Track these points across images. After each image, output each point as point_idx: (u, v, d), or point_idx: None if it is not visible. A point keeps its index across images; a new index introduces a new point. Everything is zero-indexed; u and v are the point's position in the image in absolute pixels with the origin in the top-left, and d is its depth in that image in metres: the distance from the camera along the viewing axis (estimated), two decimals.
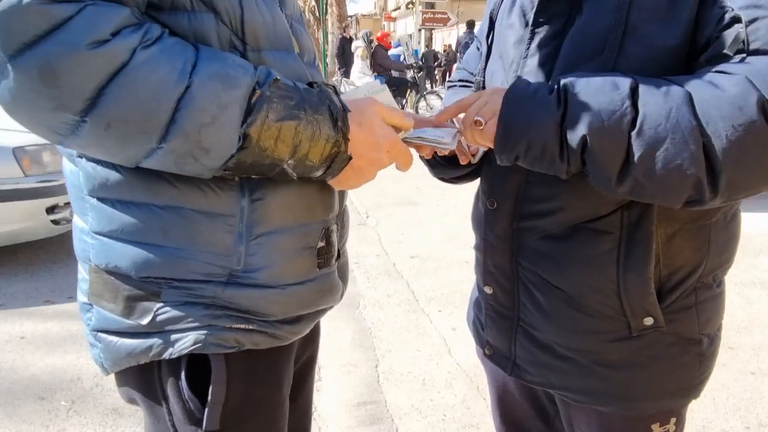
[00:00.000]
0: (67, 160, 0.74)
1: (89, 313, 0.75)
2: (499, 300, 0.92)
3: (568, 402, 0.90)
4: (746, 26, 0.63)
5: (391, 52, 14.76)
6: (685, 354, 0.82)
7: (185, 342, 0.70)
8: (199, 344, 0.70)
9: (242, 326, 0.72)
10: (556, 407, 1.00)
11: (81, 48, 0.54)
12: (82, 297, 0.77)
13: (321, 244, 0.78)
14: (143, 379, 0.75)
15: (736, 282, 3.26)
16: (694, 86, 0.64)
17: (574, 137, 0.68)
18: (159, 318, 0.70)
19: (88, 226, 0.72)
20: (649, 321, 0.79)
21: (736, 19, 0.64)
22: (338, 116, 0.67)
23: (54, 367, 2.35)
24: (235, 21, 0.65)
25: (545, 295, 0.84)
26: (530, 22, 0.82)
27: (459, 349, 2.54)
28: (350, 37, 12.50)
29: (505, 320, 0.92)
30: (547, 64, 0.79)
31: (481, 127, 0.76)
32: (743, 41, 0.63)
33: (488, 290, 0.93)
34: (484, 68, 0.95)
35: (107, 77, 0.55)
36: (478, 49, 1.05)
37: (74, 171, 0.72)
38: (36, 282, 3.23)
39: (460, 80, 1.08)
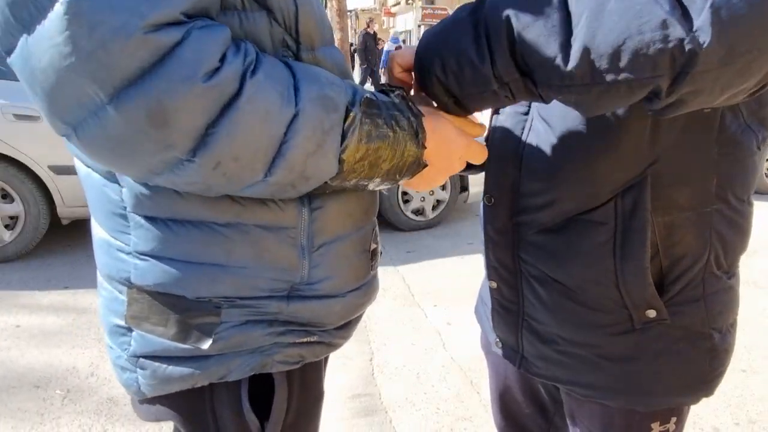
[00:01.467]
0: (98, 174, 0.66)
1: (126, 337, 0.69)
2: (504, 294, 0.92)
3: (572, 395, 0.90)
4: None
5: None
6: (694, 349, 0.80)
7: (251, 363, 0.68)
8: (266, 365, 0.68)
9: (305, 340, 0.71)
10: (555, 404, 1.01)
11: (197, 81, 0.48)
12: (115, 319, 0.69)
13: (373, 246, 0.77)
14: (188, 401, 0.70)
15: None
16: None
17: (494, 23, 0.58)
18: (220, 340, 0.65)
19: (130, 246, 0.65)
20: (651, 313, 0.77)
21: None
22: (417, 127, 0.63)
23: (49, 356, 2.36)
24: (290, 20, 0.60)
25: (546, 288, 0.84)
26: None
27: (453, 344, 2.56)
28: (374, 32, 12.57)
29: (511, 314, 0.92)
30: None
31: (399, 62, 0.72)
32: None
33: (493, 285, 0.94)
34: None
35: (218, 111, 0.50)
36: None
37: (110, 186, 0.64)
38: (33, 271, 3.22)
39: None
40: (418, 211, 4.22)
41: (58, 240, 3.69)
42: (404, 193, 4.14)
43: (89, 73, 0.46)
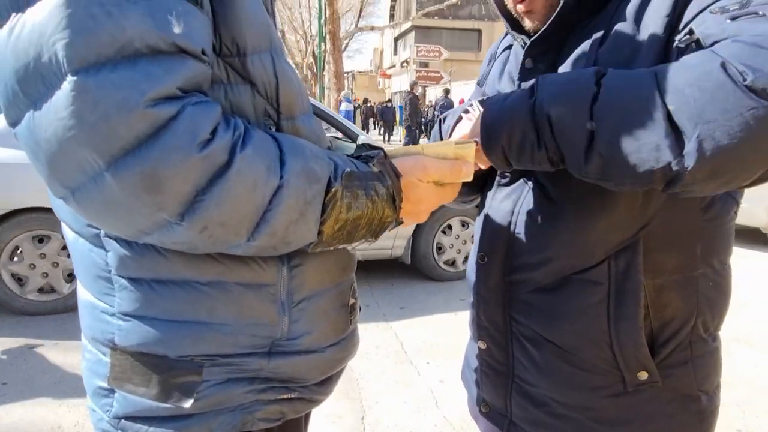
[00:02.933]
0: (84, 239, 0.68)
1: (108, 398, 0.69)
2: (494, 355, 0.92)
3: None
4: (698, 29, 0.65)
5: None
6: (684, 412, 0.81)
7: (232, 422, 0.69)
8: (247, 423, 0.69)
9: (286, 396, 0.72)
10: None
11: (191, 151, 0.51)
12: (97, 381, 0.70)
13: (352, 300, 0.80)
14: None
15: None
16: (660, 67, 0.64)
17: (541, 117, 0.69)
18: (202, 399, 0.66)
19: (114, 307, 0.67)
20: (643, 375, 0.78)
21: (691, 32, 0.67)
22: (395, 192, 0.67)
23: (34, 413, 2.32)
24: (271, 91, 0.65)
25: (539, 349, 0.85)
26: (515, 82, 0.89)
27: (446, 402, 2.53)
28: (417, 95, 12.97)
29: (500, 376, 0.92)
30: None
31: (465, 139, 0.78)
32: (698, 41, 0.65)
33: (482, 345, 0.94)
34: None
35: (208, 180, 0.53)
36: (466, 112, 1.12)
37: (96, 251, 0.67)
38: (23, 327, 3.20)
39: None
40: (451, 263, 4.37)
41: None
42: (439, 248, 4.30)
43: (90, 144, 0.50)
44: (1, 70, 0.52)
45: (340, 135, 3.94)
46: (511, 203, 0.87)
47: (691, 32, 0.66)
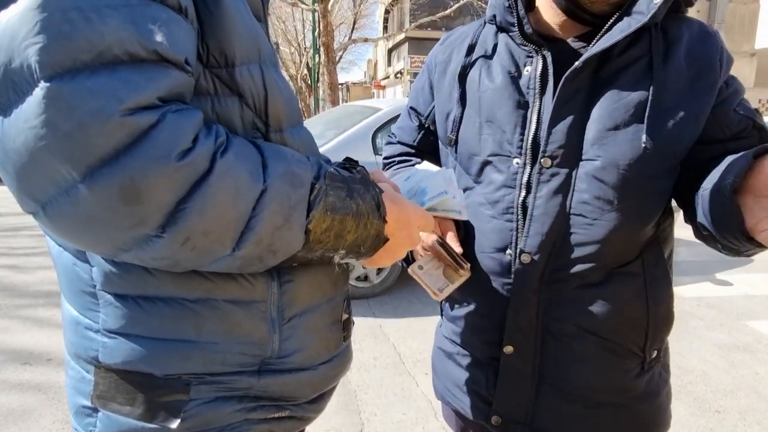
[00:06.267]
0: (68, 253, 0.66)
1: (91, 418, 0.67)
2: (523, 357, 0.91)
3: None
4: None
5: None
6: (666, 383, 0.97)
7: None
8: None
9: (276, 415, 0.70)
10: None
11: (171, 160, 0.49)
12: (80, 400, 0.68)
13: (345, 316, 0.78)
14: None
15: (720, 345, 3.28)
16: None
17: None
18: (189, 419, 0.64)
19: (99, 324, 0.64)
20: (654, 353, 0.91)
21: (756, 127, 0.83)
22: (379, 201, 0.66)
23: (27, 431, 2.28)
24: (260, 104, 0.63)
25: (579, 342, 0.88)
26: (553, 90, 0.85)
27: None
28: None
29: (525, 380, 0.92)
30: (577, 128, 0.84)
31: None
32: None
33: (508, 350, 0.92)
34: (457, 131, 0.94)
35: (189, 188, 0.50)
36: (412, 122, 1.08)
37: (81, 265, 0.64)
38: (15, 345, 3.15)
39: (399, 154, 1.11)
40: (363, 278, 4.14)
41: (40, 311, 3.63)
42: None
43: (63, 154, 0.47)
44: None
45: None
46: (557, 204, 0.85)
47: (758, 126, 0.83)
